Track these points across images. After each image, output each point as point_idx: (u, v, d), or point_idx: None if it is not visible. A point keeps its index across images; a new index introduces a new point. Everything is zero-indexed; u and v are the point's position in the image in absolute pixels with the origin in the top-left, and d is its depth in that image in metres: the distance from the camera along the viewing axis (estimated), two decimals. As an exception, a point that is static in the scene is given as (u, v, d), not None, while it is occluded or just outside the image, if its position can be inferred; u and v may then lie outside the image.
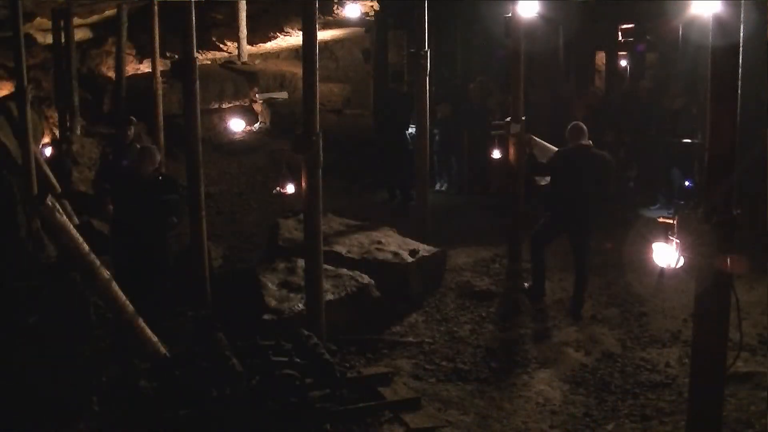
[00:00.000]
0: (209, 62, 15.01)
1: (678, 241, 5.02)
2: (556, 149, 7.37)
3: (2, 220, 7.32)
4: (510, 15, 7.98)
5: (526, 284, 7.61)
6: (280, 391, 5.00)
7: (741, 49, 3.55)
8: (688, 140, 10.00)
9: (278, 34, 14.55)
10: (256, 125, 14.39)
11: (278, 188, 11.27)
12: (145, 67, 13.96)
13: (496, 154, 9.63)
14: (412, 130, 10.62)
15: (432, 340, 6.64)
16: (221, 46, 14.81)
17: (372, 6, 13.57)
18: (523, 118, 8.08)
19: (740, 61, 3.56)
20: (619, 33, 13.21)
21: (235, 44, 14.55)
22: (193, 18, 6.71)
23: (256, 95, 14.46)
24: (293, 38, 14.45)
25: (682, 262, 5.11)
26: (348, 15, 13.05)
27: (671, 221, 5.16)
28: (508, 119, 8.10)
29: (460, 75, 13.58)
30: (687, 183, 10.25)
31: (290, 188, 10.76)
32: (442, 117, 11.76)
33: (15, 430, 4.72)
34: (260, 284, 6.64)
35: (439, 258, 7.88)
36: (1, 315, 5.21)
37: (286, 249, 7.55)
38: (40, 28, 12.26)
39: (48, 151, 11.35)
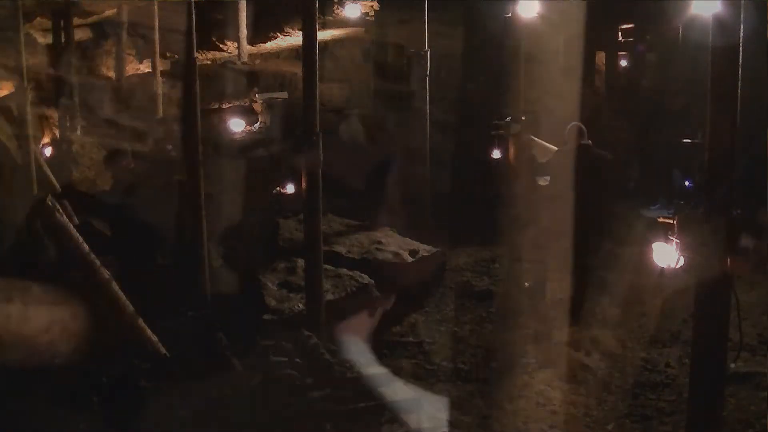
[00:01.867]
0: (209, 62, 15.00)
1: (678, 241, 5.01)
2: (556, 149, 7.36)
3: (2, 220, 7.32)
4: (510, 15, 7.99)
5: (526, 284, 7.61)
6: (280, 391, 5.00)
7: (741, 49, 3.55)
8: (688, 140, 9.99)
9: (278, 34, 14.54)
10: (256, 125, 14.38)
11: (278, 188, 11.27)
12: (145, 67, 13.96)
13: (496, 154, 9.62)
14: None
15: (432, 340, 6.64)
16: (221, 46, 14.80)
17: (372, 6, 13.56)
18: (523, 118, 8.08)
19: (740, 61, 3.56)
20: (619, 33, 13.22)
21: (235, 44, 14.54)
22: (193, 18, 6.71)
23: (256, 95, 14.45)
24: (293, 38, 14.43)
25: (682, 262, 5.10)
26: (348, 15, 13.05)
27: (671, 221, 5.15)
28: (508, 119, 8.11)
29: (460, 75, 13.56)
30: (687, 183, 10.24)
31: (290, 188, 10.76)
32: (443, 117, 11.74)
33: (15, 429, 4.72)
34: (260, 284, 6.65)
35: (439, 258, 7.88)
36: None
37: (286, 249, 7.55)
38: (40, 28, 12.26)
39: (48, 151, 11.34)
